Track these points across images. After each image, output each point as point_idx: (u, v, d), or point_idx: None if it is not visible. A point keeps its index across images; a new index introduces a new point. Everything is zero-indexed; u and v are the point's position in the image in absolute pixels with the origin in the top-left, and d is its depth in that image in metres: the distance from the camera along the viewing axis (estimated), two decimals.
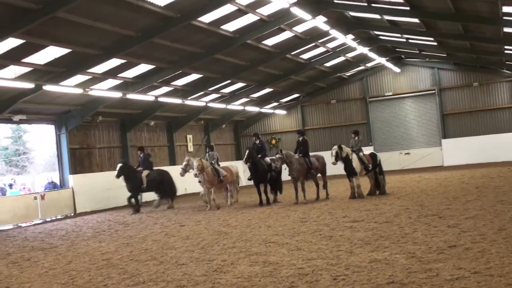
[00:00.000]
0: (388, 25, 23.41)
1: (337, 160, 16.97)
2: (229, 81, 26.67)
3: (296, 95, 35.23)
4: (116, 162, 21.07)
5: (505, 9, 16.78)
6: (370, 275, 6.73)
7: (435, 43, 26.48)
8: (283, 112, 35.72)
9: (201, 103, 27.19)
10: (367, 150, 19.24)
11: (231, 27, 19.77)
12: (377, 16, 21.96)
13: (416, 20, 21.15)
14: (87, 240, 12.71)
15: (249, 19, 19.53)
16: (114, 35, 17.09)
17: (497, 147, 30.55)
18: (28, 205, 19.41)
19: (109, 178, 20.61)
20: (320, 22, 19.85)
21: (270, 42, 23.06)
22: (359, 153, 17.27)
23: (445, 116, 32.65)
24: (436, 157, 32.53)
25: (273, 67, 27.04)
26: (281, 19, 20.09)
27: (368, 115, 34.23)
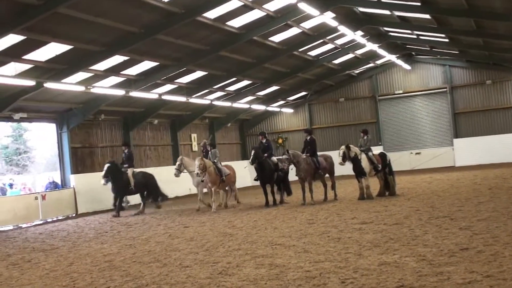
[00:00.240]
0: (398, 21, 23.21)
1: (344, 160, 16.85)
2: (234, 78, 26.54)
3: (303, 93, 34.97)
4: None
5: None
6: (379, 278, 6.66)
7: (446, 40, 26.15)
8: (290, 110, 35.42)
9: (205, 101, 27.02)
10: (377, 150, 19.07)
11: (236, 23, 19.64)
12: (387, 12, 21.78)
13: (427, 16, 20.94)
14: (89, 242, 12.66)
15: (255, 15, 19.42)
16: (116, 31, 16.99)
17: (511, 147, 30.00)
18: (29, 205, 19.25)
19: None
20: (328, 18, 19.92)
21: (277, 38, 22.88)
22: (368, 153, 17.13)
23: (457, 115, 32.15)
24: (447, 157, 32.07)
25: (280, 64, 26.84)
26: (288, 15, 19.94)
27: (377, 113, 33.83)
